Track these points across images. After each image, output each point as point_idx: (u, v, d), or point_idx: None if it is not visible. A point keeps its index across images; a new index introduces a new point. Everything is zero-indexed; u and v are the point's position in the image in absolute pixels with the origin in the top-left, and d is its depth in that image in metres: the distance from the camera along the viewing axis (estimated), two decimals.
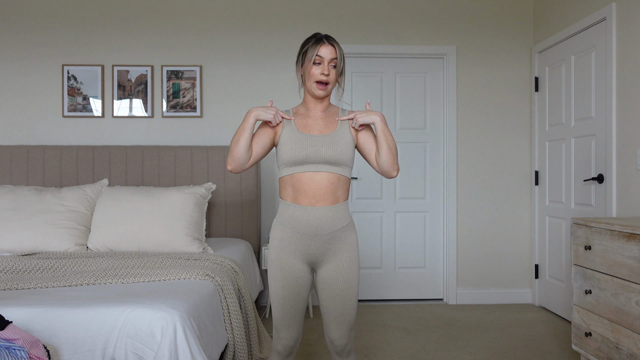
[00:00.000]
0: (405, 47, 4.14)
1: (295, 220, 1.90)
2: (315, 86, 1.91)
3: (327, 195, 1.89)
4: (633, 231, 2.27)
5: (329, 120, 1.97)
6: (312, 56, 1.89)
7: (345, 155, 1.91)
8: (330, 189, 1.89)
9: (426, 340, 3.24)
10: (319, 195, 1.88)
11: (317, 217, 1.88)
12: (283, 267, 1.92)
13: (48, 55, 3.98)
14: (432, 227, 4.26)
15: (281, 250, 1.92)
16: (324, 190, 1.88)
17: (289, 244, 1.91)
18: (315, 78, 1.90)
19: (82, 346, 1.82)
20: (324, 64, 1.89)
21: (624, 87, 3.09)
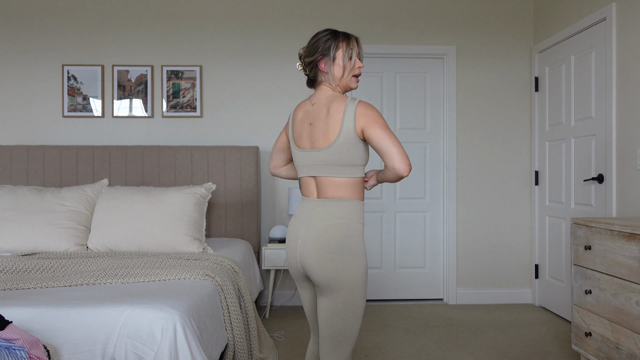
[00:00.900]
0: (405, 47, 4.14)
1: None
2: (353, 80, 1.88)
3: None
4: (633, 231, 2.27)
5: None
6: (351, 51, 1.84)
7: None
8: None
9: (426, 340, 3.24)
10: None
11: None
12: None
13: (48, 55, 3.98)
14: (432, 227, 4.26)
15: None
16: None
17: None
18: (354, 72, 1.86)
19: (82, 346, 1.82)
20: (355, 57, 1.87)
21: (624, 87, 3.09)
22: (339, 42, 1.83)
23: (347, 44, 1.84)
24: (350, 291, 1.69)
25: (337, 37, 1.85)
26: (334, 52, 1.83)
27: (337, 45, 1.83)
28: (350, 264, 1.69)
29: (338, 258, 1.69)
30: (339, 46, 1.83)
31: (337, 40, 1.84)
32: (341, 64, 1.83)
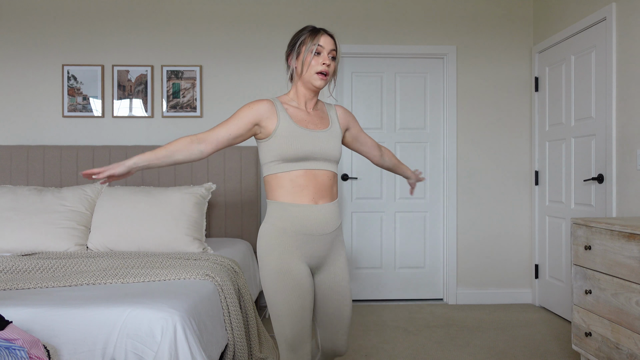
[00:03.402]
0: (405, 47, 4.14)
1: (299, 221, 1.78)
2: (316, 77, 1.80)
3: (327, 192, 1.82)
4: (633, 231, 2.27)
5: (321, 116, 1.91)
6: (312, 46, 1.79)
7: (339, 152, 1.88)
8: (329, 184, 1.83)
9: (426, 340, 3.24)
10: (320, 192, 1.80)
11: (323, 215, 1.80)
12: (293, 277, 1.75)
13: (48, 55, 3.98)
14: (432, 227, 4.26)
15: (284, 257, 1.75)
16: (324, 187, 1.81)
17: (293, 248, 1.77)
18: (315, 69, 1.79)
19: (82, 346, 1.82)
20: (324, 54, 1.80)
21: (624, 87, 3.09)
22: (306, 37, 1.80)
23: (312, 38, 1.79)
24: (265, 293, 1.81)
25: (305, 31, 1.82)
26: (299, 47, 1.81)
27: (304, 40, 1.80)
28: (260, 265, 1.82)
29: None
30: (305, 41, 1.80)
31: (304, 35, 1.81)
32: (301, 58, 1.80)
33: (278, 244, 1.77)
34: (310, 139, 1.79)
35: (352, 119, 2.01)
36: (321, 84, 1.82)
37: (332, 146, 1.84)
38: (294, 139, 1.78)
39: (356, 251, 4.20)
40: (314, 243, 1.80)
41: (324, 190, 1.81)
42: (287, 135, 1.78)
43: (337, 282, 1.86)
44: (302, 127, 1.80)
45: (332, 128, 1.88)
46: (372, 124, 4.20)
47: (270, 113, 1.80)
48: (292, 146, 1.76)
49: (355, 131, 2.02)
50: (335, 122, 1.91)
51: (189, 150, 1.73)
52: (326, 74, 1.81)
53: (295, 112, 1.84)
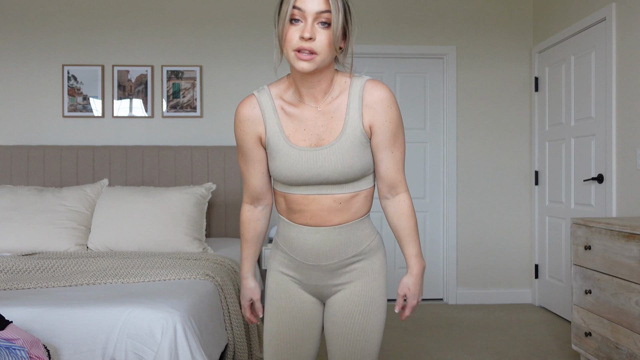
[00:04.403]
0: (405, 47, 4.15)
1: (290, 243, 1.39)
2: (294, 56, 1.22)
3: (333, 216, 1.35)
4: (633, 231, 2.27)
5: (333, 115, 1.32)
6: (287, 10, 1.21)
7: (360, 168, 1.32)
8: (339, 208, 1.34)
9: (426, 340, 3.25)
10: (320, 217, 1.35)
11: (318, 242, 1.35)
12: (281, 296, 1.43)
13: (48, 55, 3.99)
14: (432, 227, 4.26)
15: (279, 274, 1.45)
16: (327, 212, 1.34)
17: (286, 268, 1.43)
18: (292, 45, 1.21)
19: (82, 346, 1.82)
20: (306, 22, 1.20)
21: (624, 87, 3.09)
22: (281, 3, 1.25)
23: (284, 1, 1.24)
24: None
25: None
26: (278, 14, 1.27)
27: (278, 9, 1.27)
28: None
29: None
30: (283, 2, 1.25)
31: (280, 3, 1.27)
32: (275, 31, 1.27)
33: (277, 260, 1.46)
34: (306, 161, 1.30)
35: (381, 113, 1.31)
36: (303, 66, 1.21)
37: (342, 166, 1.30)
38: (280, 162, 1.32)
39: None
40: (307, 272, 1.41)
41: (326, 215, 1.35)
42: (272, 152, 1.34)
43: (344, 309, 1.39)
44: (293, 144, 1.31)
45: (343, 137, 1.30)
46: None
47: (256, 121, 1.35)
48: (277, 170, 1.34)
49: (377, 138, 1.32)
50: (355, 121, 1.31)
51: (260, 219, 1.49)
52: (310, 51, 1.21)
53: (291, 112, 1.33)
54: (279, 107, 1.34)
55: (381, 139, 1.33)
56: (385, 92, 1.33)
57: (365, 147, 1.32)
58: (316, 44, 1.21)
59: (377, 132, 1.32)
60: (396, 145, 1.35)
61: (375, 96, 1.32)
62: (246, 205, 1.49)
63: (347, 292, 1.39)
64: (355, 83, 1.34)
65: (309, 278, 1.41)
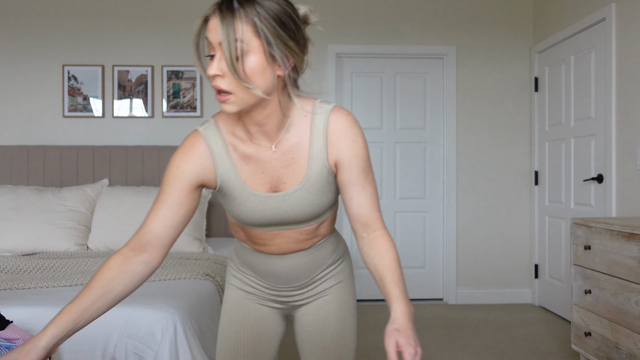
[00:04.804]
0: (405, 47, 4.15)
1: (254, 268, 1.31)
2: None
3: (299, 245, 1.26)
4: (632, 231, 2.28)
5: (293, 155, 1.14)
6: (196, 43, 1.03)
7: (328, 204, 1.21)
8: (306, 238, 1.25)
9: (426, 340, 3.25)
10: (287, 247, 1.25)
11: (286, 267, 1.27)
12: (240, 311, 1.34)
13: (48, 55, 3.99)
14: (432, 227, 4.26)
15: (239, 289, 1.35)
16: (294, 243, 1.25)
17: (249, 285, 1.35)
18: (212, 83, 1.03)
19: (83, 346, 1.83)
20: (215, 57, 1.00)
21: (624, 87, 3.09)
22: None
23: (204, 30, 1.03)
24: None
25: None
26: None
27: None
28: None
29: None
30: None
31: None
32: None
33: (234, 275, 1.37)
34: (267, 208, 1.16)
35: (345, 148, 1.14)
36: (225, 109, 1.03)
37: (309, 209, 1.18)
38: (237, 207, 1.17)
39: (356, 251, 4.20)
40: (276, 291, 1.33)
41: (292, 246, 1.25)
42: (227, 197, 1.18)
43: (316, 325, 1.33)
44: (251, 189, 1.15)
45: (309, 182, 1.15)
46: (372, 124, 4.20)
47: (204, 164, 1.14)
48: (234, 214, 1.20)
49: (344, 175, 1.16)
50: (320, 161, 1.14)
51: (127, 273, 1.09)
52: (223, 90, 1.01)
53: (245, 153, 1.14)
54: (231, 146, 1.14)
55: (349, 176, 1.15)
56: (349, 124, 1.14)
57: (332, 183, 1.18)
58: (226, 82, 1.00)
59: (344, 169, 1.14)
60: (367, 180, 1.16)
61: (338, 130, 1.13)
62: (121, 251, 1.11)
63: (320, 300, 1.34)
64: (317, 115, 1.14)
65: (275, 296, 1.33)
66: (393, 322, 1.04)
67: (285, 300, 1.34)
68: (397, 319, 1.04)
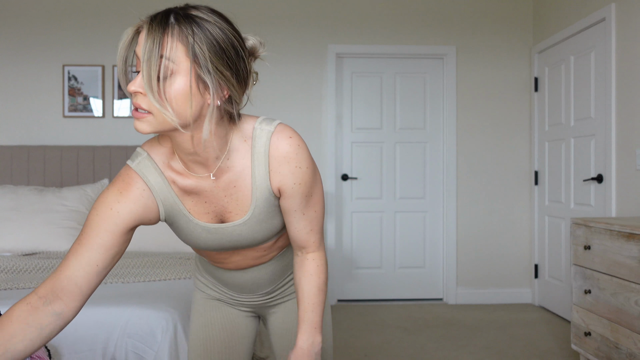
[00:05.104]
0: (405, 47, 4.15)
1: (217, 279, 1.30)
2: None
3: (258, 260, 1.23)
4: (632, 231, 2.28)
5: (235, 184, 1.07)
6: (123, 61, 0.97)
7: (279, 225, 1.16)
8: (263, 254, 1.22)
9: (426, 340, 3.25)
10: (244, 263, 1.22)
11: (249, 279, 1.25)
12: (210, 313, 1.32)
13: (48, 55, 3.99)
14: (432, 227, 4.26)
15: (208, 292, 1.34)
16: (251, 259, 1.22)
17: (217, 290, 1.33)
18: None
19: (83, 346, 1.83)
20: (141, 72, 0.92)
21: (624, 87, 3.09)
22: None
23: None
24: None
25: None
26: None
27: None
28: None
29: None
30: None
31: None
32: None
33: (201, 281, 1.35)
34: (216, 238, 1.11)
35: (288, 176, 1.06)
36: (138, 127, 0.93)
37: (260, 236, 1.13)
38: (186, 236, 1.12)
39: (356, 251, 4.21)
40: (242, 297, 1.32)
41: (256, 260, 1.22)
42: (174, 226, 1.12)
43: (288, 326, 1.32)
44: (196, 220, 1.09)
45: (256, 211, 1.09)
46: (372, 124, 4.20)
47: (144, 204, 1.04)
48: (185, 241, 1.15)
49: (286, 202, 1.09)
50: (264, 189, 1.07)
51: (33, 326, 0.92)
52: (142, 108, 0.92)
53: (185, 186, 1.06)
54: (170, 180, 1.05)
55: (291, 203, 1.09)
56: (292, 149, 1.04)
57: (279, 205, 1.13)
58: (146, 101, 0.91)
59: (287, 196, 1.08)
60: (309, 205, 1.10)
61: (280, 157, 1.04)
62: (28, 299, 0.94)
63: (289, 302, 1.33)
64: (258, 139, 1.04)
65: (242, 301, 1.32)
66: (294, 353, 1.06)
67: (253, 303, 1.33)
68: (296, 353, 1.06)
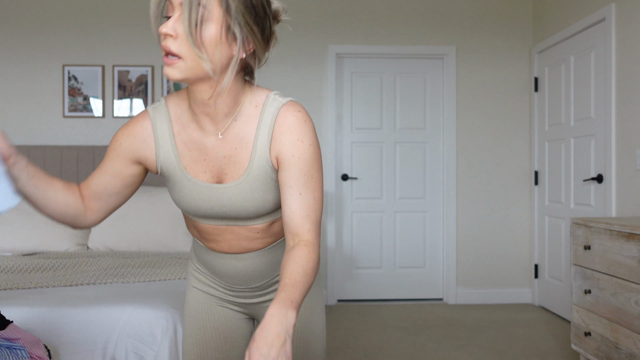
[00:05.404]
0: (405, 47, 4.15)
1: (210, 267, 1.25)
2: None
3: (252, 244, 1.18)
4: (632, 231, 2.28)
5: (237, 145, 1.08)
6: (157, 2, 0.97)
7: (274, 203, 1.13)
8: (257, 236, 1.18)
9: (426, 340, 3.25)
10: (238, 245, 1.19)
11: (242, 268, 1.20)
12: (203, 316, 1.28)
13: (48, 55, 3.99)
14: (432, 227, 4.26)
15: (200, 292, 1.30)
16: (245, 240, 1.18)
17: (210, 287, 1.29)
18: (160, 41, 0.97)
19: (83, 346, 1.83)
20: (174, 15, 0.95)
21: (624, 87, 3.09)
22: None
23: None
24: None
25: None
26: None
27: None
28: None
29: None
30: None
31: None
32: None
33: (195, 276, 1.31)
34: (207, 199, 1.10)
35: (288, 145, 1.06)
36: (168, 73, 0.97)
37: (251, 206, 1.10)
38: (178, 194, 1.13)
39: (356, 251, 4.21)
40: (235, 292, 1.27)
41: (245, 244, 1.18)
42: (169, 182, 1.14)
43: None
44: (191, 177, 1.10)
45: (250, 175, 1.08)
46: (372, 124, 4.20)
47: (144, 141, 1.11)
48: (177, 201, 1.15)
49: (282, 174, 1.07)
50: (263, 155, 1.07)
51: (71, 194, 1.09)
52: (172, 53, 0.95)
53: (189, 139, 1.09)
54: (176, 129, 1.10)
55: (286, 176, 1.05)
56: (298, 121, 1.05)
57: (276, 180, 1.10)
58: (177, 44, 0.94)
59: (283, 168, 1.05)
60: (307, 186, 1.05)
61: (284, 126, 1.05)
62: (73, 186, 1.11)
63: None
64: (268, 107, 1.07)
65: (236, 297, 1.27)
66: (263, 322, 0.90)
67: (244, 302, 1.28)
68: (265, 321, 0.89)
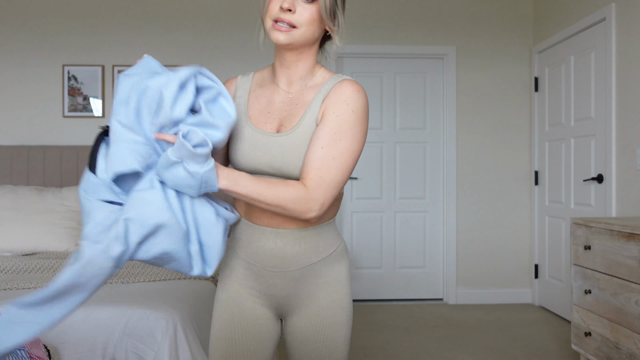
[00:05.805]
0: (405, 47, 4.15)
1: (247, 246, 1.25)
2: (270, 26, 1.19)
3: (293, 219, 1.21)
4: (632, 231, 2.28)
5: (298, 102, 1.21)
6: None
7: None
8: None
9: (426, 340, 3.25)
10: (279, 218, 1.21)
11: (280, 246, 1.22)
12: (233, 311, 1.27)
13: (48, 55, 3.99)
14: (432, 227, 4.26)
15: (233, 285, 1.28)
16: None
17: (243, 277, 1.27)
18: (271, 15, 1.18)
19: (83, 346, 1.83)
20: None
21: (624, 87, 3.09)
22: None
23: None
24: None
25: None
26: None
27: None
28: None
29: None
30: None
31: None
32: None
33: (230, 267, 1.30)
34: (261, 146, 1.18)
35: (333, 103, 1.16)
36: (278, 37, 1.17)
37: (294, 160, 1.16)
38: (235, 142, 1.22)
39: (356, 251, 4.20)
40: (268, 279, 1.26)
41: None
42: (233, 134, 1.23)
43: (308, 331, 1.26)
44: (252, 124, 1.21)
45: (298, 130, 1.17)
46: (372, 124, 4.20)
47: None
48: (232, 153, 1.23)
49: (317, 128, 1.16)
50: (312, 115, 1.17)
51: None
52: (289, 24, 1.15)
53: (262, 94, 1.26)
54: (253, 88, 1.28)
55: (318, 129, 1.14)
56: (351, 90, 1.17)
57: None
58: (296, 17, 1.15)
59: (321, 122, 1.15)
60: (332, 146, 1.12)
61: (340, 90, 1.17)
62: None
63: (313, 305, 1.26)
64: (333, 79, 1.22)
65: (269, 287, 1.26)
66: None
67: (275, 293, 1.26)
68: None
